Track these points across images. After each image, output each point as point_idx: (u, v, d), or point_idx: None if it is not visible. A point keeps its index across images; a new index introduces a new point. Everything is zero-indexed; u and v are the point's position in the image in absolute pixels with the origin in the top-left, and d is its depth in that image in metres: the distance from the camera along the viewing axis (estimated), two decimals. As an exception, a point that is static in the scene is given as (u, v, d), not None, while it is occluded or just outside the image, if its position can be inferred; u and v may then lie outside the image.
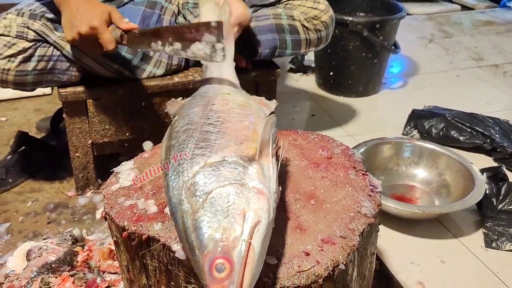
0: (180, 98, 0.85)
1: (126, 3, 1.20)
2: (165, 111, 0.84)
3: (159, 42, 0.91)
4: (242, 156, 0.60)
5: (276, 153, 0.67)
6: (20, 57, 1.04)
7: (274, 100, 0.81)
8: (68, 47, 1.10)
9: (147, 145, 0.82)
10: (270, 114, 0.81)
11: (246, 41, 1.18)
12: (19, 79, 1.06)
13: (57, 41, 1.09)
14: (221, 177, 0.57)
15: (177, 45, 0.88)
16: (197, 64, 1.27)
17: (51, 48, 1.09)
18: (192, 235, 0.54)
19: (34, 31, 1.06)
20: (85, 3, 0.96)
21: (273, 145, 0.64)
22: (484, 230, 1.16)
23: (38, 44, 1.07)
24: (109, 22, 0.97)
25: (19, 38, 1.05)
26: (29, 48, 1.05)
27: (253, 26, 1.19)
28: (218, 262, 0.50)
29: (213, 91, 0.81)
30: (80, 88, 1.16)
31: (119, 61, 1.16)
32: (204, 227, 0.53)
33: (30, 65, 1.06)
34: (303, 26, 1.22)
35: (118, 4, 1.18)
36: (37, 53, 1.07)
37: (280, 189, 0.63)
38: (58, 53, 1.10)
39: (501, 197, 1.19)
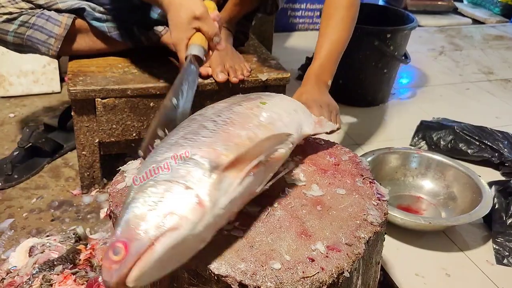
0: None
1: None
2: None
3: None
4: (212, 160, 0.59)
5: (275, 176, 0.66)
6: (4, 17, 1.18)
7: (337, 125, 0.80)
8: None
9: None
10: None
11: None
12: (1, 35, 1.20)
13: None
14: (176, 173, 0.57)
15: None
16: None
17: (34, 17, 1.19)
18: (123, 211, 0.55)
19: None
20: (175, 18, 0.93)
21: (262, 164, 0.62)
22: (494, 246, 1.14)
23: (24, 12, 1.19)
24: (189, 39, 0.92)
25: (10, 3, 1.19)
26: (15, 12, 1.18)
27: None
28: (117, 245, 0.52)
29: (257, 94, 0.80)
30: (89, 87, 1.16)
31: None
32: (130, 209, 0.55)
33: (12, 27, 1.19)
34: None
35: None
36: (20, 18, 1.19)
37: (235, 210, 0.61)
38: (40, 23, 1.20)
39: (510, 212, 1.17)
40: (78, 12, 1.24)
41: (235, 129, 0.65)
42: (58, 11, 1.22)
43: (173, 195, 0.55)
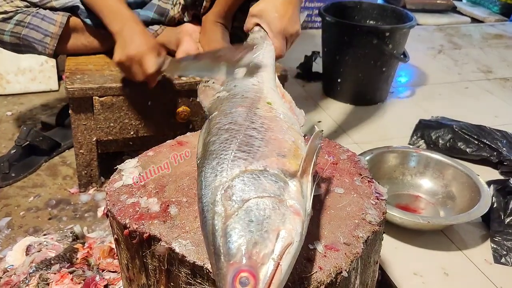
0: (211, 81, 0.83)
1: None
2: (197, 100, 0.81)
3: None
4: (283, 170, 0.58)
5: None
6: (0, 16, 1.18)
7: (302, 110, 0.76)
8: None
9: None
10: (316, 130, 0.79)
11: None
12: None
13: None
14: (261, 187, 0.55)
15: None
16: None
17: (30, 16, 1.20)
18: (220, 239, 0.52)
19: None
20: (140, 35, 1.08)
21: (315, 164, 0.61)
22: (492, 245, 1.14)
23: (20, 10, 1.20)
24: (157, 54, 1.08)
25: (5, 1, 1.19)
26: (11, 11, 1.19)
27: None
28: (243, 276, 0.48)
29: (254, 92, 0.76)
30: (87, 85, 1.16)
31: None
32: (235, 235, 0.51)
33: (8, 26, 1.19)
34: None
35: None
36: (15, 17, 1.19)
37: (312, 213, 0.59)
38: (35, 22, 1.20)
39: (508, 211, 1.17)
40: (72, 10, 1.23)
41: (278, 135, 0.64)
42: (53, 9, 1.22)
43: (271, 210, 0.53)
